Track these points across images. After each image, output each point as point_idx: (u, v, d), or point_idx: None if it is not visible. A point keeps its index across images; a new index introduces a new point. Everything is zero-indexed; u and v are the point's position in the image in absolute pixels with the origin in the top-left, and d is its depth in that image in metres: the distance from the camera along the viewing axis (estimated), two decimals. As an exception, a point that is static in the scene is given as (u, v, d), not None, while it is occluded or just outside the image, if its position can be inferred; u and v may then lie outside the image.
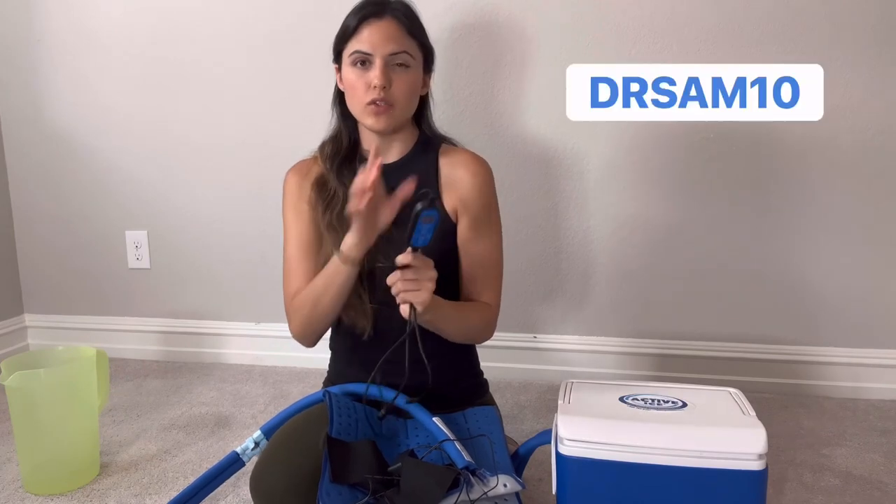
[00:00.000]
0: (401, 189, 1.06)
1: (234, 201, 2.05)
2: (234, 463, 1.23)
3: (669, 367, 1.87)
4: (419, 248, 1.03)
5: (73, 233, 2.19)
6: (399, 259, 1.03)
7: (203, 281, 2.13)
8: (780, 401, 1.76)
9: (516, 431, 1.57)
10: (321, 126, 1.33)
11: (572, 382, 1.12)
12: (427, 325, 1.14)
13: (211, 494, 1.25)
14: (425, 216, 0.99)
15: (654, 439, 0.94)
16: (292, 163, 1.33)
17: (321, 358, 1.44)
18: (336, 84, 1.29)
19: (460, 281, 1.27)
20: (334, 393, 1.15)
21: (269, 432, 1.22)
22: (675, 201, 1.82)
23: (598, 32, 1.77)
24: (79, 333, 2.21)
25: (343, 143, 1.28)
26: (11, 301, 2.24)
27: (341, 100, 1.28)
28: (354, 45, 1.19)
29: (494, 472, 0.99)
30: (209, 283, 2.12)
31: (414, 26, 1.22)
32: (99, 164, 2.12)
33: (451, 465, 1.00)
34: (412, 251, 1.03)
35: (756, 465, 0.91)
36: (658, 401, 1.04)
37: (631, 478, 0.94)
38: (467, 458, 1.01)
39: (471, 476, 0.97)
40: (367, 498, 0.96)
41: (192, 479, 1.29)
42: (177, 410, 1.77)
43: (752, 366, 1.83)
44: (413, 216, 0.99)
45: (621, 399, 1.05)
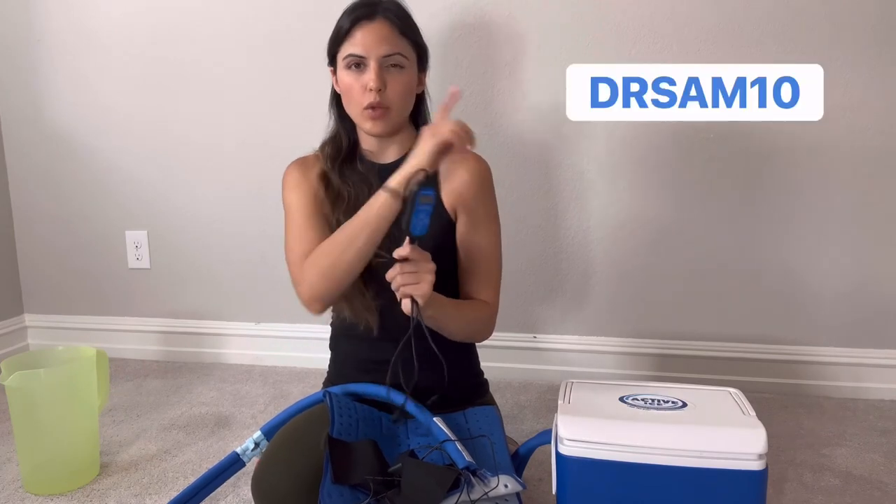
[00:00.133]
0: (449, 97, 1.07)
1: (234, 201, 2.05)
2: (234, 463, 1.23)
3: (669, 367, 1.87)
4: (417, 239, 1.02)
5: (73, 233, 2.19)
6: (397, 252, 1.03)
7: (203, 281, 2.13)
8: (780, 401, 1.76)
9: (516, 431, 1.57)
10: (321, 126, 1.33)
11: (572, 382, 1.12)
12: (429, 322, 1.13)
13: (211, 495, 1.25)
14: (423, 195, 0.98)
15: (654, 439, 0.94)
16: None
17: (321, 358, 1.44)
18: (332, 86, 1.29)
19: (459, 279, 1.27)
20: (335, 393, 1.15)
21: (269, 433, 1.22)
22: (675, 201, 1.82)
23: (598, 32, 1.77)
24: (79, 333, 2.21)
25: (342, 144, 1.28)
26: (11, 301, 2.24)
27: (338, 102, 1.28)
28: (348, 48, 1.19)
29: (495, 473, 1.00)
30: (209, 283, 2.12)
31: (406, 26, 1.22)
32: (99, 164, 2.12)
33: (452, 465, 1.00)
34: (410, 242, 1.02)
35: (756, 465, 0.91)
36: (658, 401, 1.04)
37: (631, 478, 0.94)
38: (468, 458, 1.01)
39: (471, 476, 0.97)
40: (368, 499, 0.96)
41: (192, 479, 1.29)
42: (177, 410, 1.77)
43: (752, 366, 1.83)
44: (410, 196, 0.98)
45: (621, 399, 1.05)
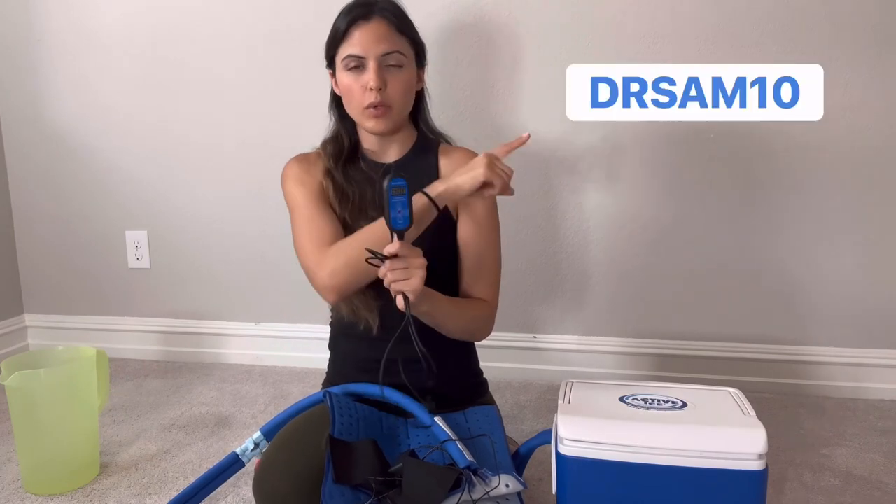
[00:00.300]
0: (518, 141, 1.22)
1: (234, 201, 2.05)
2: (234, 463, 1.23)
3: (669, 367, 1.87)
4: (403, 232, 1.03)
5: (73, 233, 2.19)
6: (386, 249, 1.03)
7: (203, 281, 2.13)
8: (780, 401, 1.76)
9: (516, 431, 1.57)
10: (321, 126, 1.34)
11: (572, 382, 1.12)
12: (424, 319, 1.14)
13: (211, 495, 1.25)
14: (394, 187, 1.00)
15: (654, 439, 0.94)
16: (292, 163, 1.33)
17: (321, 358, 1.44)
18: (332, 88, 1.29)
19: (459, 278, 1.28)
20: (335, 393, 1.15)
21: (269, 433, 1.22)
22: (674, 201, 1.82)
23: (598, 32, 1.77)
24: (79, 333, 2.21)
25: (344, 144, 1.28)
26: (11, 301, 2.24)
27: (338, 103, 1.29)
28: (346, 50, 1.19)
29: (496, 472, 1.00)
30: (209, 283, 2.12)
31: (403, 24, 1.22)
32: (99, 164, 2.12)
33: (453, 464, 1.01)
34: (398, 239, 1.03)
35: (756, 465, 0.91)
36: (658, 401, 1.04)
37: (631, 478, 0.94)
38: (469, 457, 1.01)
39: (472, 476, 0.98)
40: (370, 499, 0.96)
41: (192, 479, 1.29)
42: (177, 410, 1.77)
43: (752, 366, 1.83)
44: (384, 194, 1.00)
45: (621, 399, 1.05)
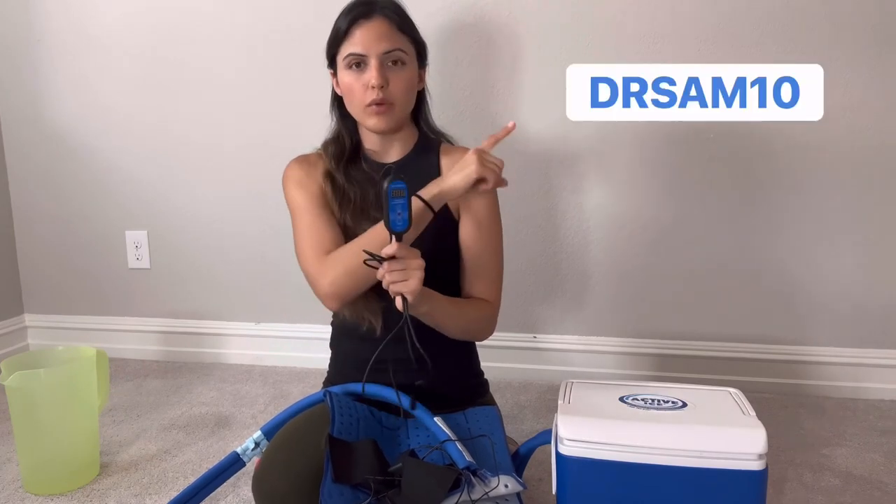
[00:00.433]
0: (503, 131, 1.20)
1: (234, 201, 2.05)
2: (234, 463, 1.23)
3: (669, 367, 1.87)
4: (402, 234, 1.03)
5: (73, 233, 2.19)
6: (384, 251, 1.03)
7: (203, 281, 2.13)
8: (780, 401, 1.76)
9: (516, 431, 1.57)
10: (321, 126, 1.33)
11: (572, 382, 1.12)
12: (425, 319, 1.14)
13: (211, 495, 1.25)
14: (394, 190, 1.00)
15: (654, 439, 0.94)
16: (292, 163, 1.33)
17: (321, 358, 1.44)
18: (333, 88, 1.29)
19: (461, 279, 1.28)
20: (335, 393, 1.15)
21: (269, 433, 1.22)
22: (675, 201, 1.82)
23: (598, 32, 1.77)
24: (79, 333, 2.21)
25: (346, 144, 1.28)
26: (11, 301, 2.24)
27: (339, 103, 1.29)
28: (348, 48, 1.19)
29: (496, 473, 1.00)
30: (209, 283, 2.12)
31: (404, 22, 1.22)
32: (99, 164, 2.12)
33: (452, 465, 1.01)
34: (396, 240, 1.03)
35: (756, 465, 0.91)
36: (658, 401, 1.04)
37: (631, 478, 0.94)
38: (468, 458, 1.01)
39: (472, 476, 0.98)
40: (369, 499, 0.96)
41: (192, 479, 1.29)
42: (177, 410, 1.77)
43: (752, 366, 1.83)
44: (384, 196, 1.00)
45: (621, 399, 1.05)
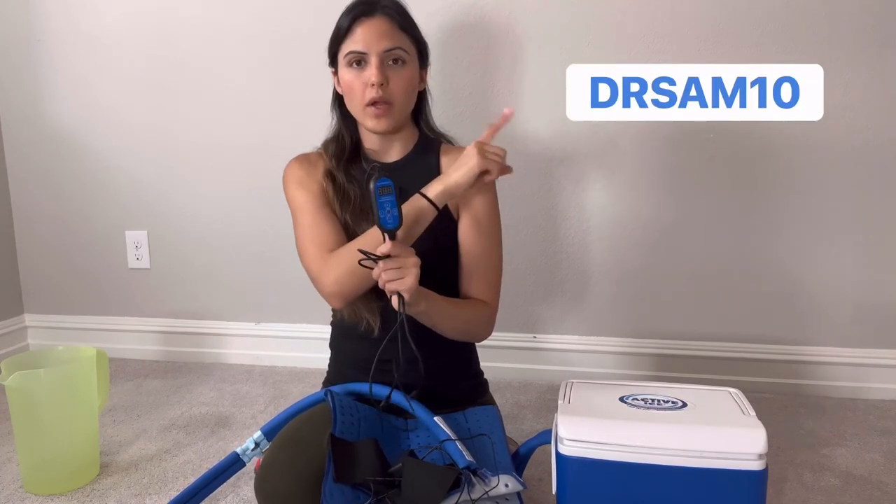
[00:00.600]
0: (502, 118, 1.19)
1: (234, 201, 2.05)
2: (234, 463, 1.23)
3: (669, 367, 1.87)
4: (394, 231, 1.04)
5: (73, 233, 2.19)
6: (379, 249, 1.04)
7: (203, 281, 2.13)
8: (780, 401, 1.76)
9: (516, 431, 1.57)
10: (321, 126, 1.34)
11: (572, 382, 1.12)
12: (421, 318, 1.14)
13: (211, 495, 1.25)
14: (380, 188, 1.01)
15: (654, 439, 0.94)
16: (292, 163, 1.33)
17: (321, 358, 1.44)
18: (334, 87, 1.29)
19: (460, 279, 1.27)
20: (336, 392, 1.15)
21: (269, 433, 1.22)
22: (674, 201, 1.82)
23: (598, 32, 1.77)
24: (79, 333, 2.21)
25: (346, 144, 1.28)
26: (11, 301, 2.24)
27: (340, 102, 1.29)
28: (348, 46, 1.20)
29: (496, 472, 1.00)
30: (209, 283, 2.12)
31: (405, 21, 1.22)
32: (99, 164, 2.12)
33: (453, 464, 1.00)
34: (389, 238, 1.04)
35: (756, 465, 0.91)
36: (658, 401, 1.04)
37: (631, 478, 0.94)
38: (468, 457, 1.01)
39: (472, 476, 0.98)
40: (370, 500, 0.96)
41: (192, 479, 1.29)
42: (177, 410, 1.77)
43: (752, 366, 1.83)
44: (371, 195, 1.01)
45: (621, 399, 1.05)
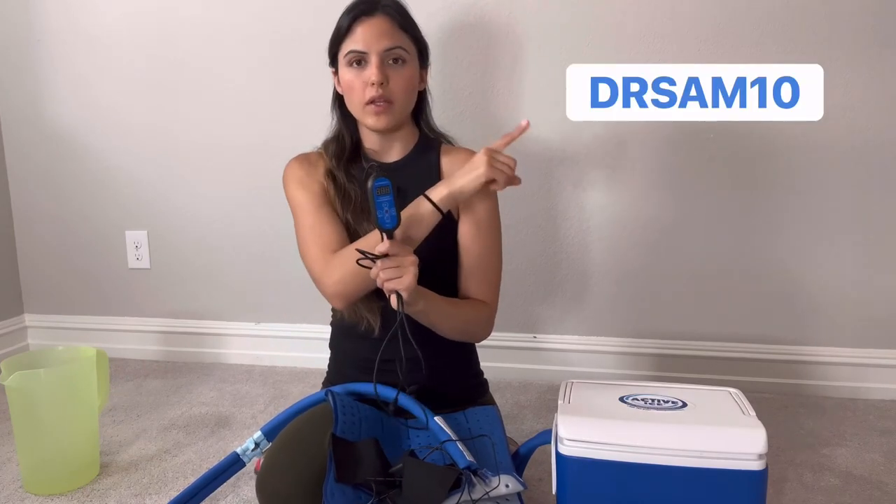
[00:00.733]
0: (518, 130, 1.19)
1: (234, 201, 2.05)
2: (234, 463, 1.23)
3: (669, 367, 1.87)
4: (392, 231, 1.04)
5: (73, 233, 2.19)
6: (377, 248, 1.04)
7: (203, 281, 2.13)
8: (780, 401, 1.76)
9: (516, 431, 1.57)
10: (321, 126, 1.34)
11: (572, 382, 1.12)
12: (420, 318, 1.14)
13: (211, 495, 1.25)
14: (378, 187, 1.02)
15: (654, 439, 0.94)
16: (292, 163, 1.33)
17: (321, 358, 1.44)
18: (334, 87, 1.29)
19: (459, 279, 1.27)
20: (337, 392, 1.15)
21: (269, 433, 1.22)
22: (674, 201, 1.82)
23: (598, 32, 1.77)
24: (79, 333, 2.21)
25: (346, 143, 1.29)
26: (11, 301, 2.23)
27: (340, 102, 1.29)
28: (349, 45, 1.20)
29: (496, 472, 1.00)
30: (209, 283, 2.12)
31: (406, 21, 1.22)
32: (99, 164, 2.12)
33: (453, 465, 1.01)
34: (387, 237, 1.04)
35: (756, 465, 0.91)
36: (658, 401, 1.04)
37: (631, 478, 0.94)
38: (469, 457, 1.01)
39: (472, 476, 0.98)
40: (371, 500, 0.96)
41: (192, 479, 1.29)
42: (177, 410, 1.77)
43: (752, 366, 1.83)
44: (369, 195, 1.02)
45: (621, 399, 1.05)
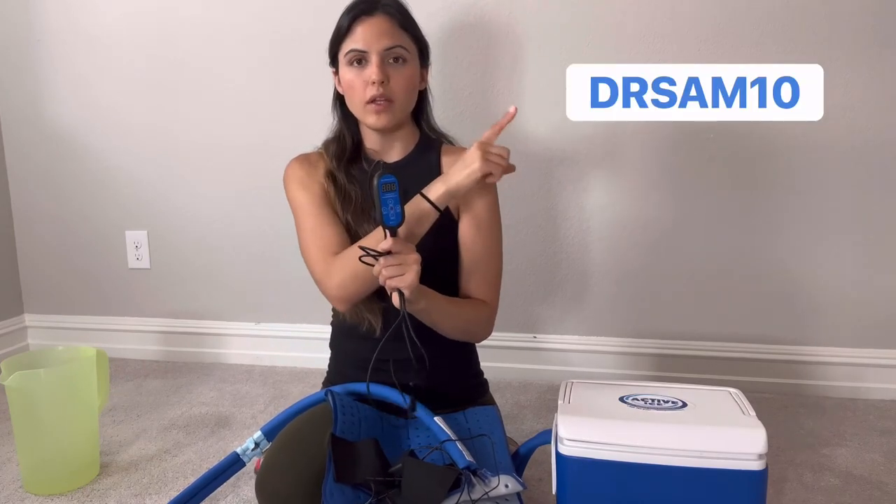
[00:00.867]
0: (506, 117, 1.18)
1: (234, 201, 2.05)
2: (234, 463, 1.23)
3: (669, 367, 1.87)
4: (396, 228, 1.04)
5: (73, 233, 2.19)
6: (380, 246, 1.04)
7: (203, 281, 2.13)
8: (780, 401, 1.76)
9: (516, 431, 1.57)
10: (321, 126, 1.34)
11: (572, 382, 1.12)
12: (421, 317, 1.13)
13: (211, 495, 1.25)
14: (384, 184, 1.02)
15: (654, 439, 0.94)
16: (293, 163, 1.33)
17: (321, 358, 1.44)
18: (335, 88, 1.29)
19: (460, 279, 1.27)
20: (337, 392, 1.15)
21: (269, 433, 1.22)
22: (674, 201, 1.82)
23: (598, 32, 1.77)
24: (79, 333, 2.21)
25: (347, 144, 1.29)
26: (11, 301, 2.24)
27: (341, 102, 1.29)
28: (349, 45, 1.20)
29: (496, 472, 1.00)
30: (209, 283, 2.12)
31: (406, 20, 1.22)
32: (99, 164, 2.12)
33: (453, 465, 1.01)
34: (390, 235, 1.04)
35: (756, 465, 0.91)
36: (658, 401, 1.04)
37: (631, 478, 0.94)
38: (469, 457, 1.01)
39: (472, 476, 0.98)
40: (370, 499, 0.96)
41: (192, 479, 1.29)
42: (177, 410, 1.77)
43: (752, 366, 1.83)
44: (375, 191, 1.02)
45: (621, 399, 1.05)
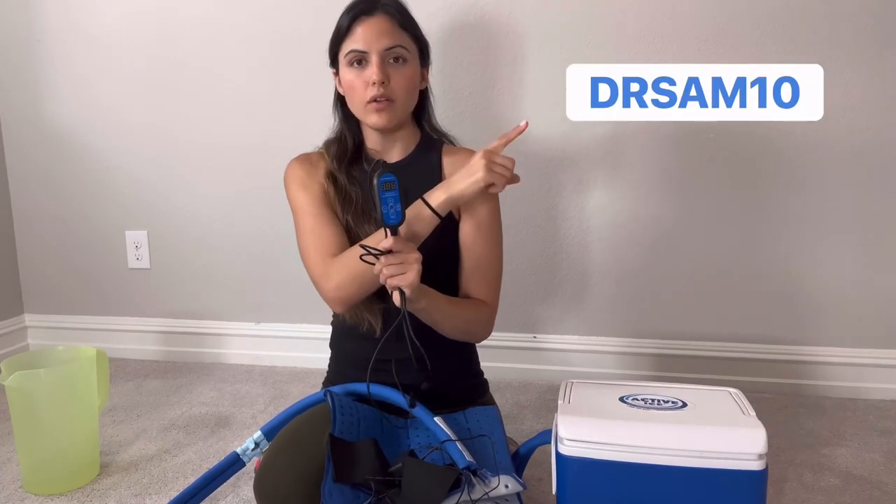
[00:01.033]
0: (515, 131, 1.18)
1: (234, 201, 2.05)
2: (234, 463, 1.23)
3: (669, 367, 1.87)
4: (396, 227, 1.04)
5: (73, 233, 2.19)
6: (381, 244, 1.04)
7: (203, 281, 2.13)
8: (780, 401, 1.76)
9: (516, 431, 1.57)
10: (321, 126, 1.34)
11: (572, 382, 1.12)
12: (422, 316, 1.14)
13: (211, 495, 1.25)
14: (384, 183, 1.02)
15: (654, 439, 0.94)
16: (293, 163, 1.33)
17: (321, 358, 1.44)
18: (335, 88, 1.29)
19: (460, 279, 1.28)
20: (336, 393, 1.15)
21: (269, 433, 1.22)
22: (675, 201, 1.82)
23: (598, 32, 1.77)
24: (79, 333, 2.21)
25: (348, 144, 1.29)
26: (11, 301, 2.23)
27: (342, 103, 1.29)
28: (349, 45, 1.20)
29: (496, 473, 1.00)
30: (209, 283, 2.12)
31: (406, 20, 1.22)
32: (99, 164, 2.12)
33: (453, 465, 1.01)
34: (391, 234, 1.04)
35: (756, 465, 0.91)
36: (658, 401, 1.04)
37: (631, 478, 0.94)
38: (468, 458, 1.01)
39: (472, 476, 0.98)
40: (369, 499, 0.96)
41: (192, 479, 1.29)
42: (177, 410, 1.77)
43: (752, 366, 1.83)
44: (374, 190, 1.02)
45: (621, 399, 1.05)
